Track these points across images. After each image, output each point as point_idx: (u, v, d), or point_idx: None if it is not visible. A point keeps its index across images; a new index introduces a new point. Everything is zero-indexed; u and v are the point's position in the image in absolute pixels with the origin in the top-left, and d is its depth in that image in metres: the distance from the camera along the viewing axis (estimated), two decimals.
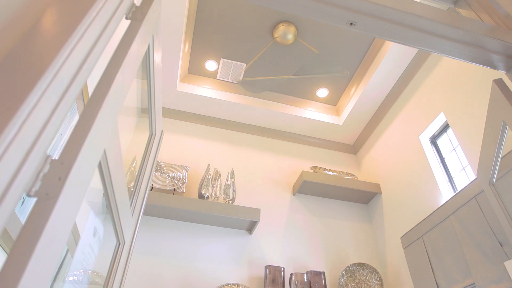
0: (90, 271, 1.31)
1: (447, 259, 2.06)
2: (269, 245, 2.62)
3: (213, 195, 2.60)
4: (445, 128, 2.46)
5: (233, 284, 2.14)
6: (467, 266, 1.91)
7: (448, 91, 2.37)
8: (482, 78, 2.08)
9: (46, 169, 0.54)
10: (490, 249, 1.79)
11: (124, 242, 1.00)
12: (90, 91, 1.59)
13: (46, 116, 0.53)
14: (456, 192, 2.14)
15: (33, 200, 0.53)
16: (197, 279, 2.30)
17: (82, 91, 1.55)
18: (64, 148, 0.58)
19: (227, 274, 2.38)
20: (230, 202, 2.61)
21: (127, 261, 1.03)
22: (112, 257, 0.97)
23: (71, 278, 1.26)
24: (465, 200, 2.00)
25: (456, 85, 2.30)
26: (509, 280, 1.66)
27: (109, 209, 0.86)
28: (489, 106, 1.27)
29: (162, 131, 1.38)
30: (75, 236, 1.24)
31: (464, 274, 1.93)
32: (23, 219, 1.13)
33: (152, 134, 1.29)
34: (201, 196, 2.56)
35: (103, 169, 0.74)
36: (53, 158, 0.55)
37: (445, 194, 2.28)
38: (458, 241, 1.99)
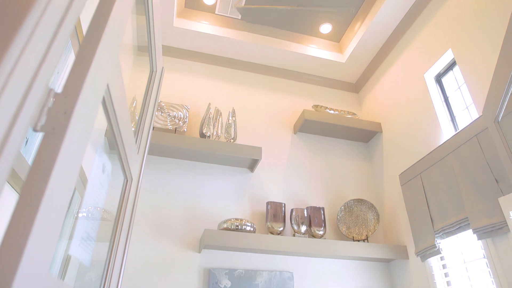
0: (99, 208, 1.35)
1: (443, 195, 2.13)
2: (270, 182, 2.69)
3: (215, 134, 2.60)
4: (451, 65, 2.39)
5: (236, 219, 2.23)
6: (462, 201, 1.97)
7: (458, 27, 2.26)
8: (495, 13, 1.97)
9: (50, 103, 0.51)
10: (486, 185, 1.84)
11: (132, 179, 1.01)
12: (84, 29, 1.50)
13: (44, 46, 0.49)
14: (458, 130, 2.15)
15: (38, 137, 0.51)
16: (201, 215, 2.39)
17: (76, 29, 1.47)
18: (67, 81, 0.55)
19: (230, 210, 2.47)
20: (232, 140, 2.63)
21: (135, 197, 1.05)
22: (121, 194, 0.99)
23: (81, 215, 1.30)
24: (466, 138, 2.01)
25: (467, 20, 2.19)
26: (501, 215, 1.72)
27: (115, 146, 0.86)
28: (504, 39, 1.21)
29: (162, 67, 1.33)
30: (80, 174, 1.25)
31: (458, 209, 2.00)
32: (28, 158, 1.13)
33: (152, 71, 1.25)
34: (202, 135, 2.57)
35: (107, 105, 0.71)
36: (56, 92, 0.53)
37: (446, 133, 2.29)
38: (456, 178, 2.04)
